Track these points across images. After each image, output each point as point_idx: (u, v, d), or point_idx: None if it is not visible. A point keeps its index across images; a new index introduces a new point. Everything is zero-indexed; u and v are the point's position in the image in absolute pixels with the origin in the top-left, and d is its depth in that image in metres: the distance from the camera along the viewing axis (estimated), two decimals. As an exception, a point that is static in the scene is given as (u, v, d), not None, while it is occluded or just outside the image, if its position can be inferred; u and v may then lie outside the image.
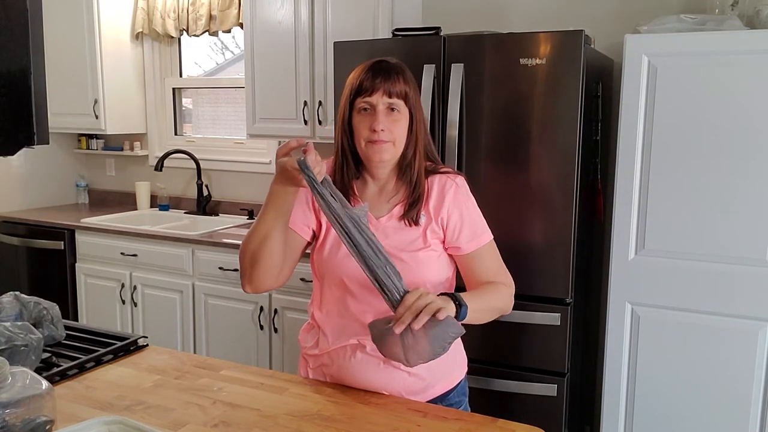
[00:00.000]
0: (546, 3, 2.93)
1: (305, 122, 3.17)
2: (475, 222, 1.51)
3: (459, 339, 1.58)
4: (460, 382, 1.57)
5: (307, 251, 1.57)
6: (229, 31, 3.69)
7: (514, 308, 2.32)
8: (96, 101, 3.77)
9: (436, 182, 1.51)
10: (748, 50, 2.08)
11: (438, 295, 1.31)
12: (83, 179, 4.33)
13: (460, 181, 1.53)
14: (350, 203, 1.51)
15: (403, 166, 1.50)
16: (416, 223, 1.48)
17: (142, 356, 1.61)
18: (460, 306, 1.32)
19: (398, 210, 1.49)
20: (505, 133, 2.36)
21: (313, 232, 1.54)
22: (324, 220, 1.51)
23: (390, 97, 1.43)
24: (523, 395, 2.40)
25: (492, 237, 1.54)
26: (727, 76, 2.11)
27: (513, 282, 1.55)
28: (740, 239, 2.15)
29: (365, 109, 1.45)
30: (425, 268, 1.47)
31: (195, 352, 3.25)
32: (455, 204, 1.49)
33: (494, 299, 1.49)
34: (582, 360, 2.69)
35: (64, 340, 1.64)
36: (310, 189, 1.31)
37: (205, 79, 4.17)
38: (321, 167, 1.32)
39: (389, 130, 1.43)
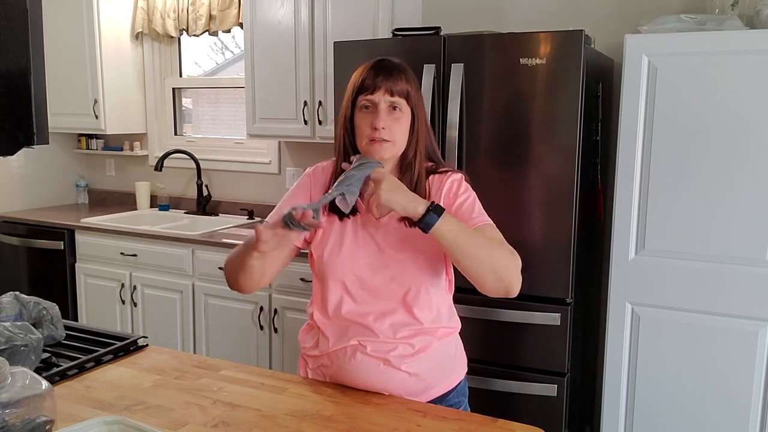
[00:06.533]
0: (546, 3, 2.93)
1: (305, 122, 3.17)
2: (474, 208, 1.49)
3: (460, 340, 1.59)
4: (459, 383, 1.56)
5: (303, 250, 1.58)
6: (229, 31, 3.69)
7: (514, 308, 2.36)
8: (96, 101, 3.77)
9: (435, 182, 1.52)
10: (748, 50, 2.08)
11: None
12: (83, 179, 4.33)
13: (458, 176, 1.53)
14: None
15: (404, 166, 1.50)
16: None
17: (142, 356, 1.61)
18: (429, 210, 1.32)
19: (399, 210, 1.49)
20: (505, 133, 2.36)
21: (306, 241, 1.55)
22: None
23: (392, 95, 1.44)
24: (523, 395, 2.40)
25: (491, 223, 1.49)
26: (727, 76, 2.11)
27: (517, 255, 1.42)
28: (740, 239, 2.15)
29: (367, 107, 1.45)
30: (424, 267, 1.47)
31: (195, 352, 3.25)
32: (453, 197, 1.49)
33: (482, 239, 1.39)
34: (582, 360, 2.69)
35: (64, 340, 1.64)
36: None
37: (205, 79, 4.17)
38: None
39: (390, 129, 1.43)
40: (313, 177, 1.57)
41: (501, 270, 1.39)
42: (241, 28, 3.42)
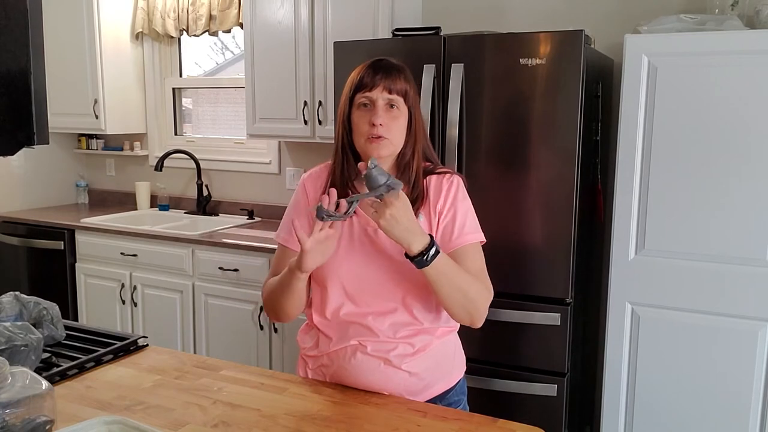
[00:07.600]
0: (546, 3, 2.93)
1: (305, 122, 3.17)
2: (466, 222, 1.49)
3: (458, 339, 1.59)
4: (459, 382, 1.57)
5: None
6: (229, 31, 3.69)
7: (514, 308, 2.36)
8: (96, 101, 3.77)
9: (433, 182, 1.52)
10: (748, 50, 2.08)
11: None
12: (83, 179, 4.33)
13: (457, 180, 1.53)
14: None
15: (402, 166, 1.50)
16: None
17: (142, 356, 1.61)
18: (431, 245, 1.33)
19: (396, 209, 1.49)
20: (505, 133, 2.36)
21: None
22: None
23: (390, 93, 1.44)
24: (523, 395, 2.40)
25: (481, 240, 1.50)
26: (727, 76, 2.11)
27: (492, 290, 1.49)
28: (740, 239, 2.15)
29: (365, 105, 1.45)
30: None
31: (195, 352, 3.25)
32: (450, 203, 1.49)
33: (465, 279, 1.41)
34: (582, 360, 2.69)
35: (64, 340, 1.64)
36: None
37: (205, 79, 4.17)
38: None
39: (388, 127, 1.43)
40: (306, 185, 1.57)
41: (472, 308, 1.44)
42: (241, 28, 3.42)
